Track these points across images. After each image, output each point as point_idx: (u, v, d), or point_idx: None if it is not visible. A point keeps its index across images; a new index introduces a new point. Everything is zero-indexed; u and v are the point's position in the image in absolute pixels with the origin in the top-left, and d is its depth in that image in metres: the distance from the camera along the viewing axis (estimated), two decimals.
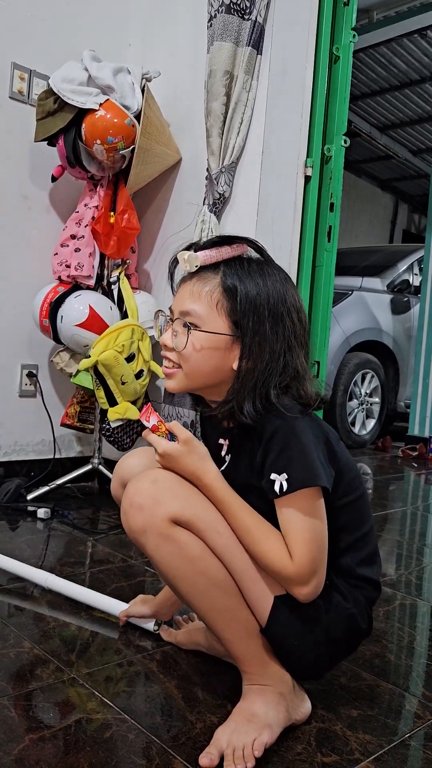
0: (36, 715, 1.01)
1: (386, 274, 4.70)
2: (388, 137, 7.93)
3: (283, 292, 0.99)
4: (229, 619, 0.98)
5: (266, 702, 0.99)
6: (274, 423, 0.95)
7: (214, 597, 0.97)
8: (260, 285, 0.98)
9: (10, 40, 2.26)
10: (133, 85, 2.15)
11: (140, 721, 1.01)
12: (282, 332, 0.97)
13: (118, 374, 2.08)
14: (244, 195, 2.05)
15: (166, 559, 0.96)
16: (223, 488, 0.98)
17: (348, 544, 1.03)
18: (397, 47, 5.66)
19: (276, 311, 0.97)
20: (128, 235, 2.20)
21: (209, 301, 0.98)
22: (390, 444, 4.44)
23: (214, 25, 1.99)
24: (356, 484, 1.04)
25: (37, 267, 2.37)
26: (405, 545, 2.17)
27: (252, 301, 0.97)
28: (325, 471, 0.94)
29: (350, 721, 1.06)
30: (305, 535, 0.92)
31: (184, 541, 0.95)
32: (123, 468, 1.16)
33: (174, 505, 0.95)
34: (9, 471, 2.36)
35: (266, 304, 0.97)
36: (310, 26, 2.13)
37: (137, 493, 0.97)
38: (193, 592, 0.97)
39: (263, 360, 0.97)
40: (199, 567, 0.96)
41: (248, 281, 0.98)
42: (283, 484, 0.92)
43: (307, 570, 0.92)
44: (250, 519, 0.96)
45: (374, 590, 1.05)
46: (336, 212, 2.21)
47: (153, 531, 0.95)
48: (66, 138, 2.14)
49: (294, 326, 0.98)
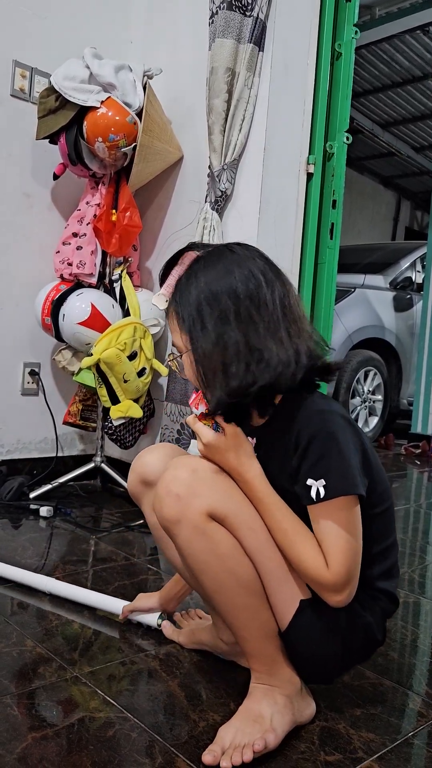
0: (39, 713, 1.01)
1: (389, 272, 4.69)
2: (390, 134, 7.91)
3: (215, 275, 0.96)
4: (249, 618, 0.98)
5: (273, 704, 0.98)
6: (310, 424, 0.94)
7: (239, 596, 0.96)
8: (191, 287, 0.98)
9: (11, 37, 2.26)
10: (135, 83, 2.14)
11: (143, 720, 1.01)
12: (210, 320, 0.94)
13: (120, 372, 2.08)
14: (246, 192, 2.05)
15: (196, 553, 0.95)
16: (265, 487, 0.97)
17: (372, 555, 1.02)
18: (399, 44, 5.64)
19: (202, 304, 0.95)
20: (130, 233, 2.20)
21: (177, 330, 1.01)
22: (393, 442, 4.43)
23: (215, 21, 1.99)
24: (386, 496, 1.03)
25: (39, 265, 2.37)
26: (408, 543, 2.16)
27: (186, 309, 0.97)
28: (362, 479, 0.94)
29: (354, 720, 1.06)
30: (342, 544, 0.91)
31: (218, 537, 0.94)
32: (142, 464, 1.15)
33: (211, 499, 0.94)
34: (11, 469, 2.36)
35: (192, 302, 0.97)
36: (312, 23, 2.12)
37: (175, 481, 0.95)
38: (218, 588, 0.96)
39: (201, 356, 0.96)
40: (229, 565, 0.95)
41: (183, 292, 0.99)
42: (321, 490, 0.91)
43: (343, 579, 0.91)
44: (290, 521, 0.95)
45: (391, 603, 1.05)
46: (338, 209, 2.20)
47: (187, 523, 0.93)
48: (68, 136, 2.14)
49: (227, 307, 0.94)
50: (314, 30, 2.13)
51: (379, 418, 4.50)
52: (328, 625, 0.97)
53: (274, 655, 1.00)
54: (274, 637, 0.99)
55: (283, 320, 0.96)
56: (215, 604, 0.99)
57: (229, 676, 1.16)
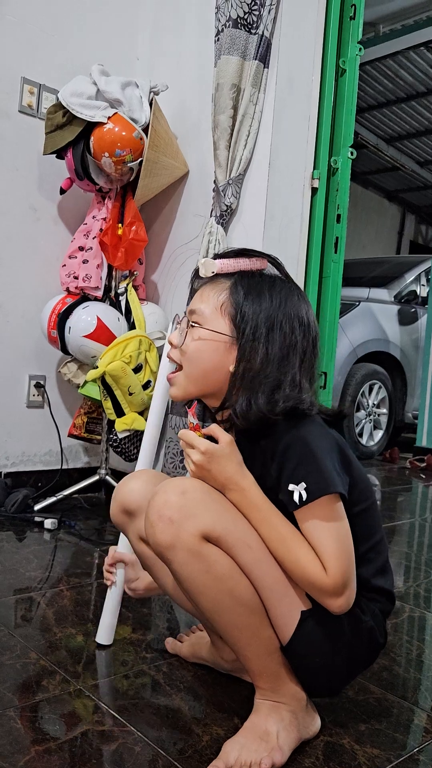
0: (42, 726, 1.00)
1: (393, 285, 4.70)
2: (394, 149, 7.96)
3: (291, 307, 1.01)
4: (251, 636, 0.96)
5: (279, 720, 0.97)
6: (285, 437, 0.95)
7: (239, 615, 0.95)
8: (267, 296, 1.00)
9: (20, 55, 2.29)
10: (141, 99, 2.17)
11: (146, 734, 1.00)
12: (280, 340, 0.99)
13: (125, 385, 2.09)
14: (251, 207, 2.06)
15: (193, 576, 0.93)
16: (259, 494, 0.96)
17: (362, 554, 1.01)
18: (403, 60, 5.69)
19: (276, 321, 0.99)
20: (136, 247, 2.21)
21: (215, 303, 1.02)
22: (398, 455, 4.42)
23: (221, 39, 2.01)
24: (368, 493, 1.03)
25: (46, 278, 2.39)
26: (413, 557, 2.15)
27: (254, 308, 0.99)
28: (340, 478, 0.94)
29: (358, 735, 1.05)
30: (334, 545, 0.91)
31: (214, 558, 0.93)
32: (123, 492, 1.14)
33: (205, 519, 0.92)
34: (16, 481, 2.36)
35: (268, 313, 0.99)
36: (317, 40, 2.15)
37: (166, 505, 0.93)
38: (217, 609, 0.95)
39: (256, 364, 0.98)
40: (227, 585, 0.93)
41: (255, 290, 1.01)
42: (303, 493, 0.92)
43: (342, 581, 0.91)
44: (286, 527, 0.95)
45: (388, 602, 1.04)
46: (343, 223, 2.22)
47: (182, 547, 0.92)
48: (74, 151, 2.16)
49: (294, 339, 1.00)
50: (319, 47, 2.15)
51: (383, 432, 4.49)
52: (332, 634, 0.97)
53: (278, 672, 0.99)
54: (277, 653, 0.98)
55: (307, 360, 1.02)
56: (215, 625, 0.98)
57: (232, 690, 1.15)
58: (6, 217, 2.30)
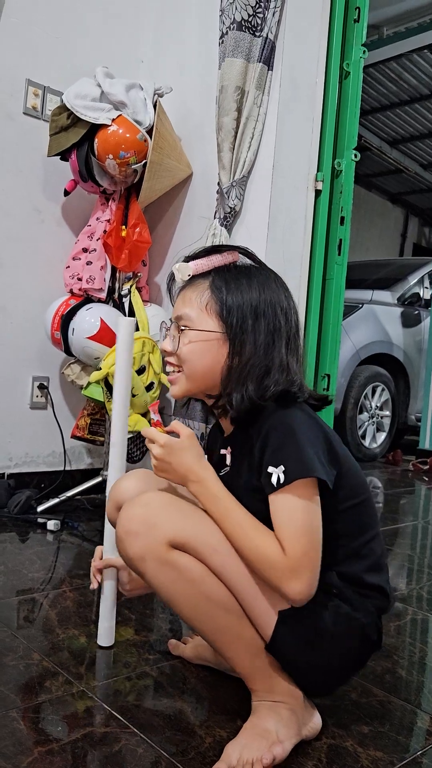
0: (45, 727, 1.00)
1: (397, 288, 4.70)
2: (398, 151, 7.97)
3: (269, 293, 1.03)
4: (233, 638, 0.98)
5: (277, 718, 0.98)
6: (270, 419, 0.97)
7: (217, 618, 0.97)
8: (245, 286, 1.03)
9: (24, 57, 2.30)
10: (146, 101, 2.17)
11: (149, 735, 1.00)
12: (265, 328, 1.01)
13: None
14: (255, 209, 2.06)
15: (167, 584, 0.96)
16: (218, 485, 0.99)
17: (353, 550, 1.01)
18: (407, 62, 5.70)
19: (259, 309, 1.01)
20: (139, 249, 2.22)
21: (199, 304, 1.03)
22: (401, 457, 4.42)
23: (225, 41, 2.02)
24: (361, 490, 1.03)
25: (49, 280, 2.39)
26: (416, 559, 2.15)
27: (236, 300, 1.01)
28: (323, 467, 0.94)
29: (361, 738, 1.05)
30: (296, 525, 0.91)
31: (184, 564, 0.95)
32: (118, 491, 1.16)
33: (169, 528, 0.95)
34: (19, 482, 2.36)
35: (249, 303, 1.01)
36: (321, 42, 2.15)
37: (131, 520, 0.97)
38: (196, 614, 0.97)
39: (247, 353, 1.00)
40: (201, 589, 0.96)
41: (234, 283, 1.03)
42: (281, 476, 0.92)
43: (300, 563, 0.90)
44: (245, 517, 0.96)
45: (384, 599, 1.03)
46: (346, 226, 2.22)
47: (151, 557, 0.95)
48: (79, 153, 2.17)
49: (278, 323, 1.02)
50: (323, 49, 2.16)
51: (386, 434, 4.49)
52: (313, 632, 0.97)
53: (268, 671, 1.00)
54: (263, 653, 0.99)
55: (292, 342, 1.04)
56: (198, 631, 1.00)
57: (235, 692, 1.15)
58: (10, 219, 2.31)
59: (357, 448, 4.19)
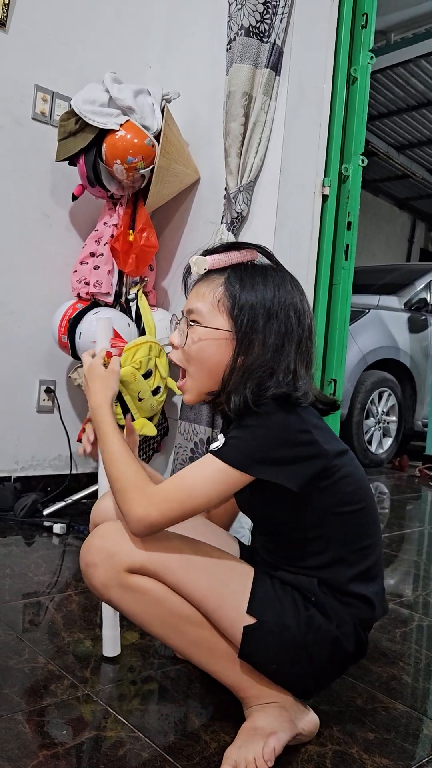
0: (49, 731, 1.00)
1: (403, 293, 4.69)
2: (405, 156, 7.97)
3: (284, 295, 1.01)
4: (208, 650, 0.99)
5: (268, 715, 0.99)
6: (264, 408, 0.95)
7: (189, 632, 0.98)
8: (260, 286, 1.01)
9: (33, 63, 2.31)
10: (153, 106, 2.18)
11: (154, 740, 1.00)
12: (276, 329, 0.99)
13: (135, 390, 2.09)
14: (262, 214, 2.07)
15: (133, 607, 0.98)
16: (105, 413, 1.07)
17: (341, 556, 1.00)
18: (414, 68, 5.70)
19: (272, 310, 0.99)
20: (147, 253, 2.22)
21: (211, 300, 1.02)
22: (407, 463, 4.40)
23: (233, 47, 2.02)
24: (359, 496, 1.01)
25: (57, 284, 2.40)
26: (422, 566, 2.14)
27: (249, 299, 0.99)
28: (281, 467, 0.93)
29: (366, 744, 1.05)
30: (185, 485, 0.93)
31: (145, 586, 0.97)
32: (96, 512, 1.17)
33: (124, 556, 0.97)
34: (26, 486, 2.37)
35: (263, 303, 0.99)
36: (328, 48, 2.15)
37: (89, 552, 0.99)
38: (168, 632, 0.99)
39: (254, 354, 0.98)
40: (167, 607, 0.97)
41: (249, 282, 1.01)
42: (220, 445, 0.94)
43: (158, 502, 0.93)
44: (118, 444, 1.01)
45: (368, 609, 1.01)
46: (353, 231, 2.22)
47: (113, 584, 0.97)
48: (87, 158, 2.18)
49: (290, 326, 0.99)
50: (330, 55, 2.16)
51: (393, 440, 4.48)
52: (281, 642, 0.96)
53: (252, 677, 1.00)
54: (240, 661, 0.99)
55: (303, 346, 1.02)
56: (175, 648, 1.02)
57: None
58: (19, 223, 2.32)
59: (363, 453, 4.18)
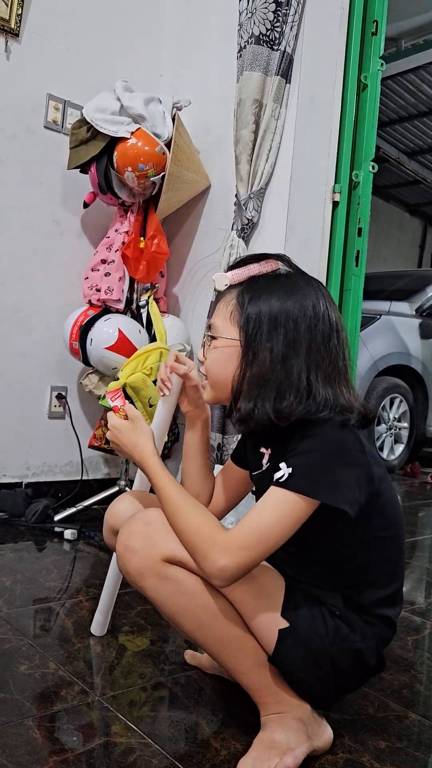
0: (60, 737, 1.00)
1: (415, 299, 4.67)
2: (416, 162, 7.94)
3: (294, 302, 0.97)
4: (236, 650, 0.98)
5: (286, 729, 0.98)
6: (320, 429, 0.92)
7: (219, 629, 0.97)
8: (268, 295, 0.99)
9: (46, 72, 2.33)
10: (164, 114, 2.19)
11: (164, 747, 1.00)
12: (283, 338, 0.96)
13: (146, 396, 2.10)
14: (273, 220, 2.07)
15: (166, 598, 0.97)
16: (156, 465, 1.03)
17: (374, 578, 1.01)
18: (425, 74, 5.69)
19: (277, 319, 0.96)
20: (157, 260, 2.23)
21: (224, 314, 1.03)
22: (419, 469, 4.38)
23: (243, 55, 2.03)
24: (395, 524, 1.02)
25: (68, 290, 2.42)
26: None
27: (255, 309, 0.98)
28: (342, 491, 0.90)
29: (378, 753, 1.04)
30: (259, 527, 0.90)
31: (181, 578, 0.96)
32: (112, 515, 1.18)
33: (167, 545, 0.96)
34: (37, 491, 2.38)
35: (268, 312, 0.97)
36: (339, 55, 2.16)
37: (131, 537, 0.99)
38: (197, 627, 0.98)
39: (260, 363, 0.97)
40: (200, 601, 0.96)
41: (258, 293, 1.00)
42: (285, 476, 0.91)
43: (234, 550, 0.90)
44: (180, 494, 0.98)
45: (388, 629, 1.02)
46: (364, 237, 2.21)
47: (150, 573, 0.96)
48: (98, 165, 2.19)
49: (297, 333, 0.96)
50: (340, 62, 2.16)
51: (404, 446, 4.45)
52: (311, 649, 0.96)
53: (275, 683, 0.99)
54: (267, 665, 0.99)
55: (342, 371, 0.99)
56: (202, 645, 1.01)
57: (251, 704, 1.14)
58: (31, 231, 2.34)
59: None
